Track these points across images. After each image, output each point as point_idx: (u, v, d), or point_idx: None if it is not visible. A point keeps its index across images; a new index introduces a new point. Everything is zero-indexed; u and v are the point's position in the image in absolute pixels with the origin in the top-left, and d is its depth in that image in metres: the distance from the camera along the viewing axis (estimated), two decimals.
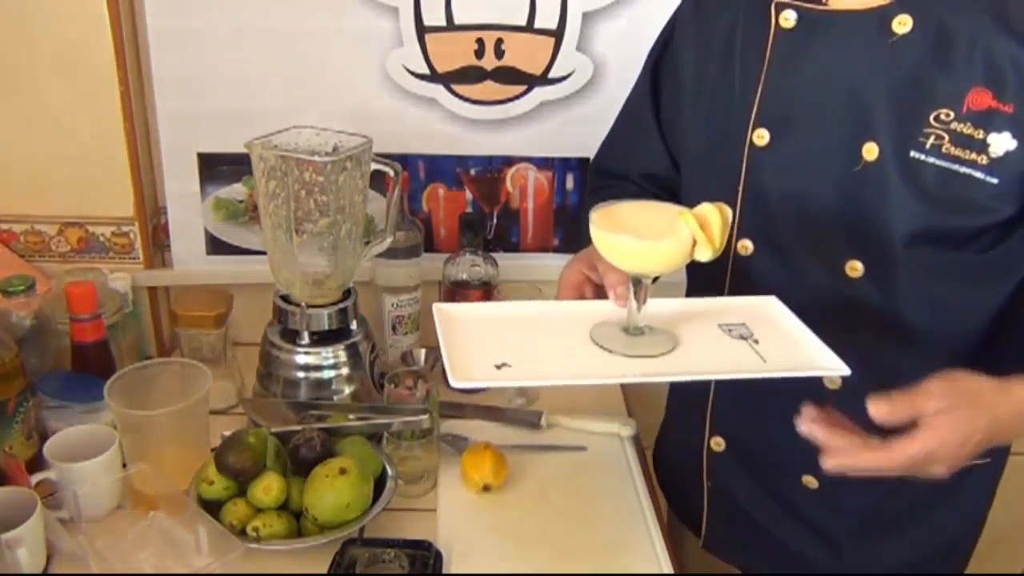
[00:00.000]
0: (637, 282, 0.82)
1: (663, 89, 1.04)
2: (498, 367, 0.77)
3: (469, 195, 1.40)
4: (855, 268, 0.88)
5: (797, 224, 0.89)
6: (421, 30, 1.29)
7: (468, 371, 0.77)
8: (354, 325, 1.19)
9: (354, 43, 1.29)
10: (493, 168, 1.38)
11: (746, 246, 0.94)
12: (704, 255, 0.77)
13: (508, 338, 0.83)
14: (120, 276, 1.35)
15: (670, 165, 1.05)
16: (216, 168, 1.36)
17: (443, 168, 1.38)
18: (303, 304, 1.15)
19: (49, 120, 1.31)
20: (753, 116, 0.90)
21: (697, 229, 0.76)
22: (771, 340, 0.83)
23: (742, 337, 0.84)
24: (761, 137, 0.89)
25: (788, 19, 0.87)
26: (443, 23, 1.29)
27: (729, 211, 0.77)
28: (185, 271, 1.40)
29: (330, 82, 1.31)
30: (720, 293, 0.97)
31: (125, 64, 1.28)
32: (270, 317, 1.20)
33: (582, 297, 0.92)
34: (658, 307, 0.87)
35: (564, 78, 1.33)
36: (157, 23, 1.27)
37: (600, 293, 0.92)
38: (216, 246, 1.40)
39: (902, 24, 0.81)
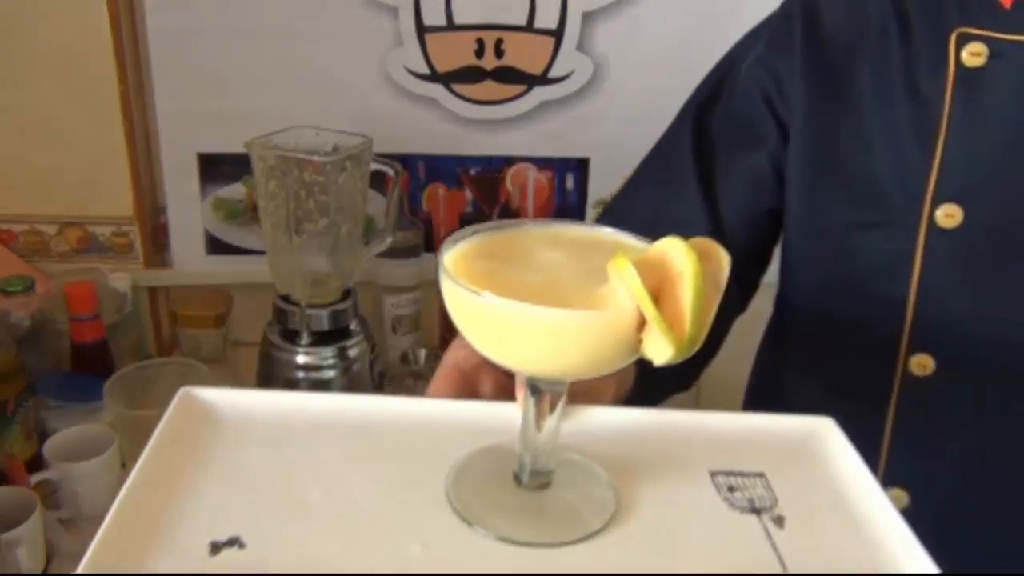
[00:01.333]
0: (533, 387, 0.45)
1: (720, 158, 0.76)
2: (215, 547, 0.42)
3: (469, 195, 1.40)
4: None
5: (1002, 330, 0.65)
6: (421, 30, 1.29)
7: (123, 556, 0.41)
8: (354, 325, 1.19)
9: (354, 43, 1.29)
10: (493, 168, 1.38)
11: (924, 363, 0.66)
12: (659, 353, 0.40)
13: (286, 468, 0.48)
14: (120, 276, 1.35)
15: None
16: (216, 168, 1.36)
17: (443, 168, 1.38)
18: (303, 304, 1.15)
19: (49, 120, 1.31)
20: (931, 187, 0.64)
21: (641, 293, 0.38)
22: (810, 517, 0.47)
23: (753, 509, 0.47)
24: (950, 216, 0.64)
25: (977, 54, 0.63)
26: (443, 23, 1.29)
27: (725, 257, 0.41)
28: (185, 271, 1.40)
29: (330, 82, 1.31)
30: (877, 423, 0.68)
31: (125, 64, 1.28)
32: (270, 317, 1.20)
33: (469, 393, 0.55)
34: (602, 422, 0.52)
35: (564, 78, 1.32)
36: (157, 22, 1.27)
37: (505, 388, 0.55)
38: (216, 246, 1.40)
39: None
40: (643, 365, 0.61)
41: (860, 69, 0.69)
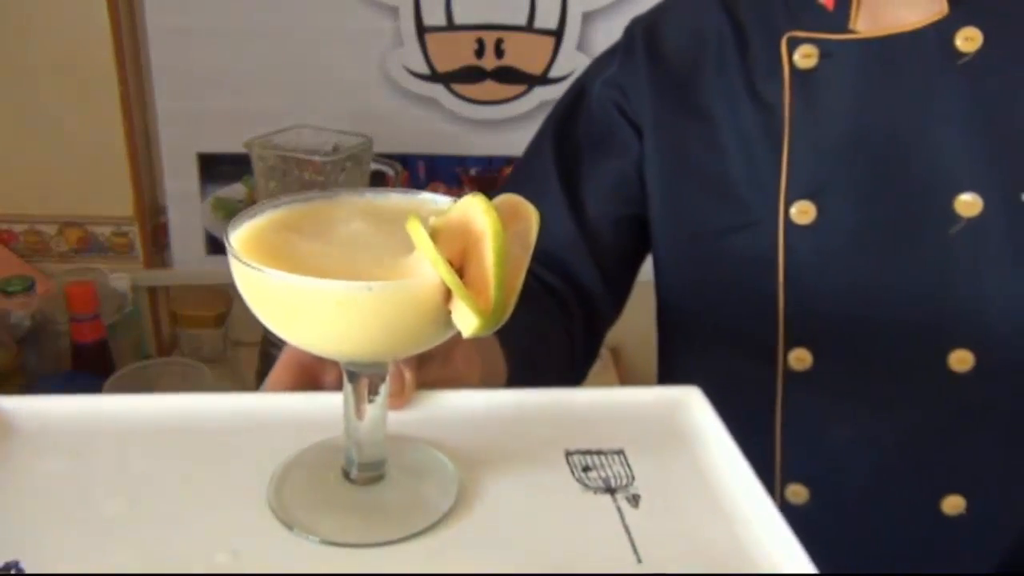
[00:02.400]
0: (350, 373, 0.42)
1: (583, 164, 0.76)
2: None
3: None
4: (963, 360, 0.65)
5: (872, 317, 0.67)
6: (421, 30, 1.29)
7: None
8: None
9: (354, 43, 1.29)
10: (493, 168, 1.38)
11: (802, 358, 0.68)
12: (466, 325, 0.37)
13: (84, 479, 0.43)
14: (120, 276, 1.35)
15: (581, 251, 0.75)
16: (216, 168, 1.36)
17: (443, 168, 1.38)
18: None
19: (49, 120, 1.31)
20: (783, 187, 0.66)
21: (434, 256, 0.36)
22: (668, 495, 0.44)
23: (608, 489, 0.44)
24: (804, 212, 0.66)
25: (808, 56, 0.66)
26: (443, 23, 1.29)
27: (533, 214, 0.39)
28: (185, 271, 1.40)
29: (330, 82, 1.31)
30: (766, 420, 0.70)
31: (125, 64, 1.28)
32: None
33: (310, 385, 0.52)
34: (454, 406, 0.49)
35: (564, 78, 1.32)
36: (157, 22, 1.27)
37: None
38: (216, 246, 1.40)
39: (969, 40, 0.63)
40: (519, 354, 0.61)
41: (704, 81, 0.71)
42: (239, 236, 0.40)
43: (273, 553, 0.38)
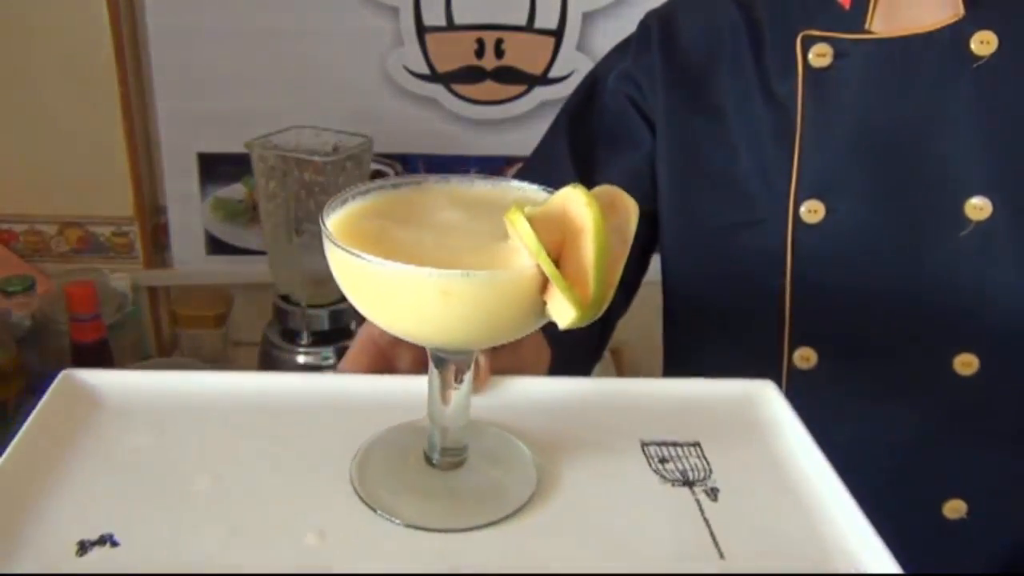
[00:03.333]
0: (438, 359, 0.41)
1: (598, 159, 0.77)
2: (84, 546, 0.38)
3: None
4: (968, 363, 0.65)
5: (877, 318, 0.67)
6: (421, 30, 1.29)
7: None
8: (354, 325, 1.19)
9: (354, 43, 1.29)
10: (493, 168, 1.38)
11: (807, 357, 0.68)
12: (563, 316, 0.36)
13: (172, 455, 0.43)
14: (120, 276, 1.35)
15: None
16: (216, 168, 1.36)
17: (443, 168, 1.38)
18: (303, 304, 1.15)
19: (49, 120, 1.31)
20: (793, 185, 0.67)
21: (537, 249, 0.35)
22: (746, 488, 0.44)
23: (686, 481, 0.44)
24: (813, 211, 0.66)
25: (822, 55, 0.66)
26: (443, 23, 1.29)
27: (632, 206, 0.39)
28: (185, 271, 1.40)
29: (330, 82, 1.31)
30: None
31: (125, 64, 1.28)
32: (270, 317, 1.20)
33: (386, 368, 0.53)
34: (526, 392, 0.49)
35: (564, 78, 1.32)
36: (157, 23, 1.27)
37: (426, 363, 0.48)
38: (216, 246, 1.40)
39: (984, 43, 0.62)
40: (554, 343, 0.60)
41: (718, 78, 0.71)
42: (334, 222, 0.40)
43: (359, 535, 0.39)
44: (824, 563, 0.39)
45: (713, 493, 0.43)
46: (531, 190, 0.43)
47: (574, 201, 0.36)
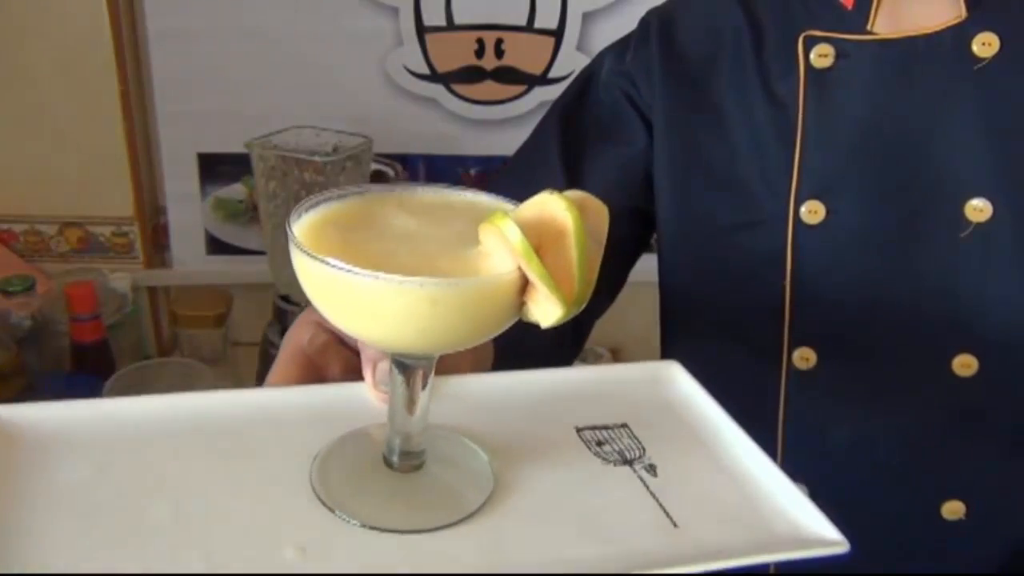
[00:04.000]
0: (402, 365, 0.42)
1: (587, 151, 0.76)
2: None
3: None
4: (967, 365, 0.65)
5: (877, 320, 0.67)
6: (421, 30, 1.29)
7: None
8: None
9: (354, 43, 1.29)
10: (493, 168, 1.38)
11: (806, 357, 0.68)
12: (548, 314, 0.38)
13: (121, 485, 0.41)
14: (120, 276, 1.35)
15: None
16: (216, 168, 1.36)
17: (443, 168, 1.38)
18: (303, 304, 1.15)
19: (49, 120, 1.31)
20: (794, 186, 0.67)
21: (529, 253, 0.36)
22: (678, 462, 0.47)
23: (625, 460, 0.46)
24: (814, 212, 0.66)
25: (824, 55, 0.66)
26: (443, 23, 1.29)
27: (603, 209, 0.41)
28: (185, 271, 1.40)
29: (330, 82, 1.31)
30: (768, 418, 0.70)
31: (125, 64, 1.28)
32: (270, 317, 1.20)
33: (316, 377, 0.52)
34: (462, 389, 0.50)
35: (564, 78, 1.32)
36: (157, 23, 1.27)
37: (356, 369, 0.51)
38: (216, 246, 1.40)
39: (986, 45, 0.63)
40: (516, 339, 0.60)
41: (718, 78, 0.71)
42: (302, 234, 0.39)
43: (335, 546, 0.38)
44: (761, 521, 0.42)
45: (652, 469, 0.46)
46: (473, 195, 0.44)
47: (552, 205, 0.37)
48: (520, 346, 0.63)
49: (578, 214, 0.37)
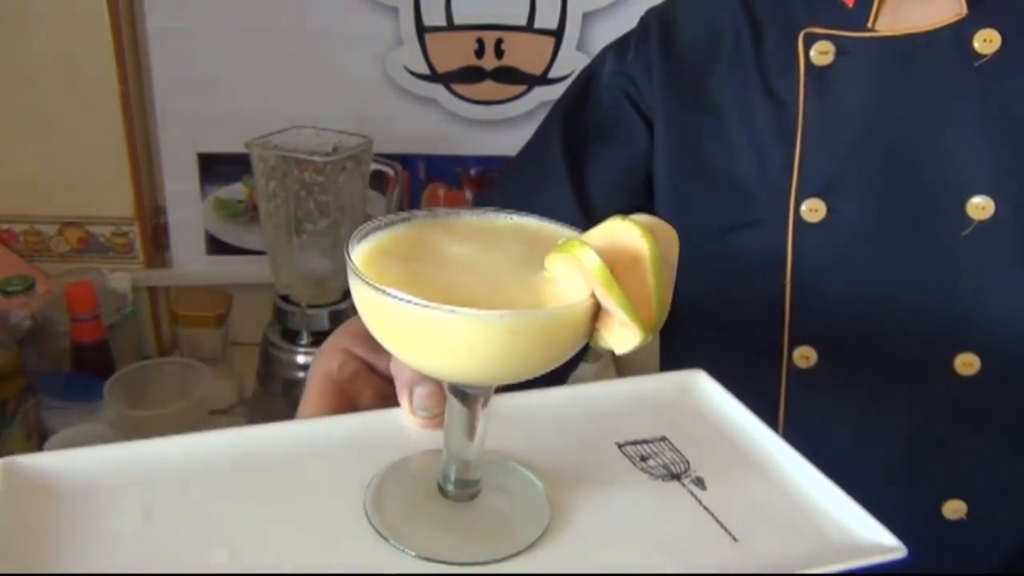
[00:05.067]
0: (462, 393, 0.41)
1: (589, 152, 0.76)
2: None
3: (469, 195, 1.40)
4: (969, 364, 0.65)
5: (878, 318, 0.67)
6: (421, 30, 1.29)
7: None
8: None
9: (354, 43, 1.29)
10: (493, 168, 1.38)
11: (807, 356, 0.68)
12: (624, 341, 0.38)
13: (170, 531, 0.39)
14: (120, 276, 1.35)
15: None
16: (216, 168, 1.36)
17: (443, 168, 1.38)
18: (303, 304, 1.15)
19: (49, 120, 1.31)
20: (794, 184, 0.66)
21: (609, 281, 0.36)
22: (723, 473, 0.46)
23: (673, 475, 0.45)
24: (815, 210, 0.66)
25: (825, 53, 0.65)
26: (443, 23, 1.29)
27: (672, 232, 0.40)
28: (185, 271, 1.40)
29: (330, 82, 1.31)
30: (769, 418, 0.69)
31: (125, 64, 1.28)
32: (270, 317, 1.20)
33: (348, 406, 0.51)
34: (494, 409, 0.45)
35: (564, 78, 1.32)
36: (157, 23, 1.27)
37: (388, 395, 0.52)
38: (216, 246, 1.40)
39: (987, 41, 0.62)
40: None
41: (718, 75, 0.71)
42: (361, 262, 0.38)
43: None
44: (817, 531, 0.41)
45: (700, 482, 0.45)
46: (520, 218, 0.44)
47: (626, 231, 0.37)
48: None
49: (653, 240, 0.37)
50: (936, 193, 0.64)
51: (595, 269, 0.36)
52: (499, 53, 1.31)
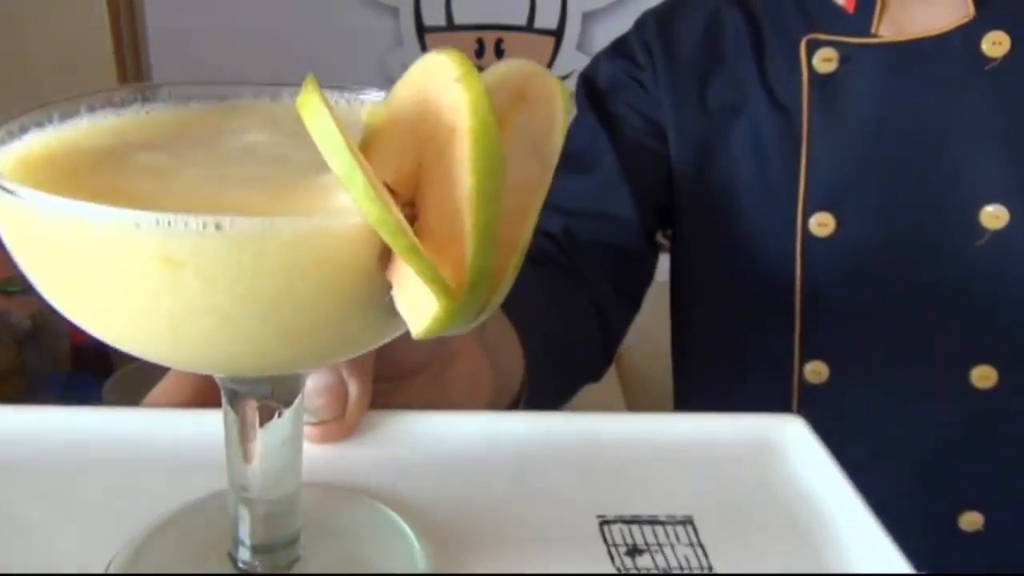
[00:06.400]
0: (232, 392, 0.25)
1: (614, 105, 0.72)
2: None
3: None
4: (986, 376, 0.63)
5: (891, 332, 0.64)
6: (421, 30, 1.29)
7: None
8: None
9: (354, 43, 1.29)
10: None
11: (818, 371, 0.65)
12: (419, 306, 0.20)
13: None
14: None
15: (616, 176, 0.69)
16: None
17: None
18: None
19: None
20: (801, 197, 0.64)
21: (352, 172, 0.18)
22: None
23: None
24: (823, 225, 0.64)
25: (828, 60, 0.63)
26: (443, 23, 1.29)
27: (556, 89, 0.22)
28: None
29: (330, 82, 1.30)
30: None
31: (125, 64, 1.28)
32: None
33: (197, 400, 0.34)
34: (420, 435, 0.33)
35: (564, 78, 1.32)
36: (157, 23, 1.27)
37: None
38: None
39: (996, 44, 0.60)
40: (538, 342, 0.50)
41: (718, 82, 0.68)
42: (15, 150, 0.26)
43: None
44: None
45: None
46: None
47: (437, 80, 0.19)
48: (556, 355, 0.55)
49: (481, 94, 0.19)
50: (948, 203, 0.61)
51: (326, 139, 0.19)
52: (499, 53, 1.31)
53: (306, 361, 0.24)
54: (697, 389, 0.57)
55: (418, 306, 0.19)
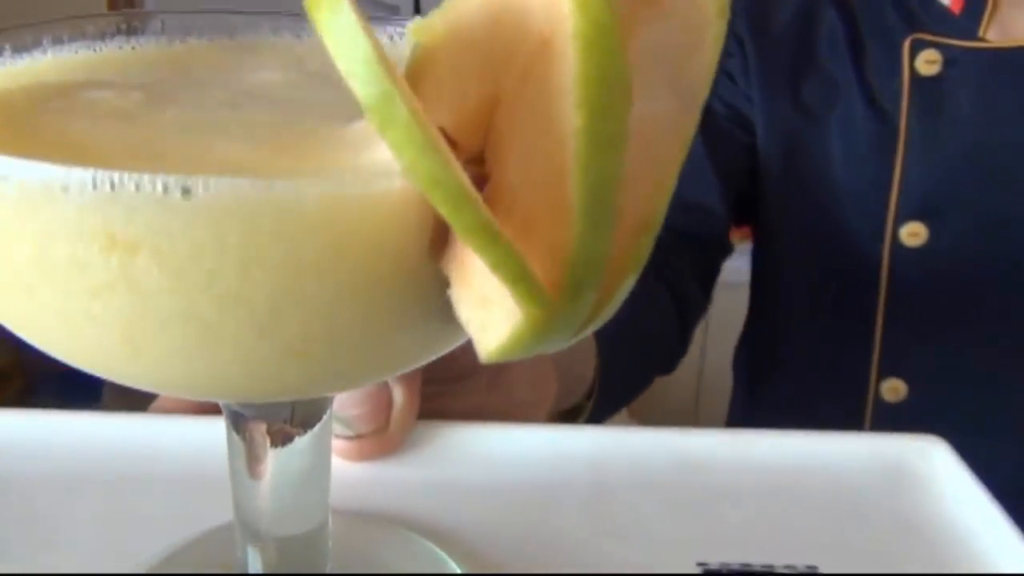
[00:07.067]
0: (236, 416, 0.21)
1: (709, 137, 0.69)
2: None
3: None
4: None
5: (978, 351, 0.61)
6: None
7: None
8: None
9: None
10: None
11: (895, 388, 0.62)
12: (488, 323, 0.13)
13: None
14: None
15: (699, 154, 0.65)
16: None
17: None
18: None
19: None
20: (893, 205, 0.61)
21: (433, 164, 0.11)
22: None
23: None
24: (914, 234, 0.60)
25: (931, 62, 0.60)
26: None
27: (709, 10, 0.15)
28: None
29: None
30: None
31: None
32: None
33: (210, 405, 0.28)
34: (474, 452, 0.27)
35: None
36: None
37: None
38: None
39: None
40: (614, 336, 0.43)
41: (813, 82, 0.65)
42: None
43: None
44: None
45: None
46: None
47: None
48: (631, 348, 0.52)
49: (606, 8, 0.12)
50: None
51: (349, 56, 0.13)
52: None
53: (323, 385, 0.18)
54: (757, 401, 0.54)
55: (491, 314, 0.13)
